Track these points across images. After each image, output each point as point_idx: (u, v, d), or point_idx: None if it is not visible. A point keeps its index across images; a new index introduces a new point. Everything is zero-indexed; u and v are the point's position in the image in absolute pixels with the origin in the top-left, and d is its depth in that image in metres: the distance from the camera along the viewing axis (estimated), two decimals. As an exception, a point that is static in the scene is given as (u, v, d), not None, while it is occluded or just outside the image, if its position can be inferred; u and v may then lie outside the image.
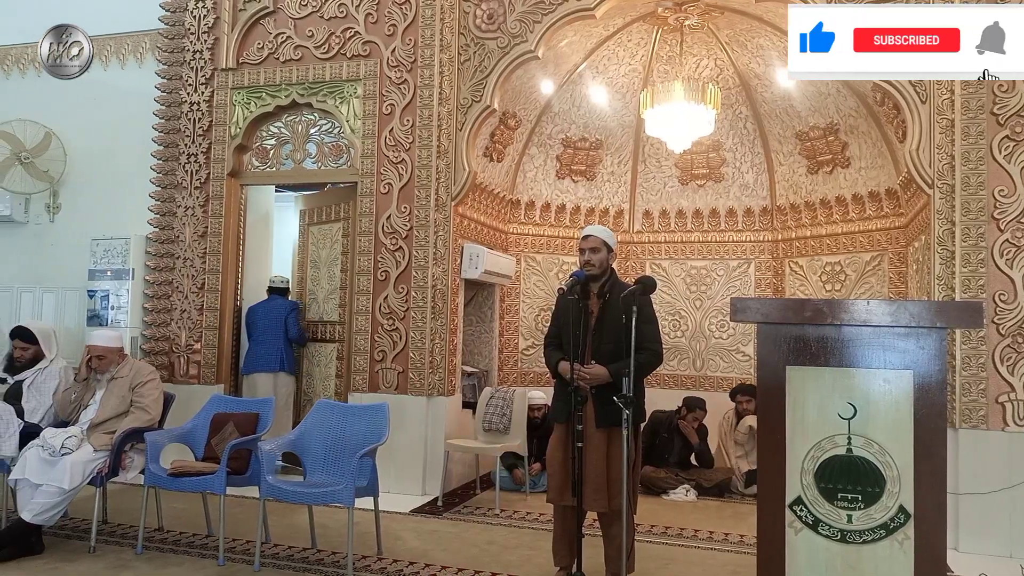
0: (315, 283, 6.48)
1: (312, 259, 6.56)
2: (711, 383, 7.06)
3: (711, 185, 7.22)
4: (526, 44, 5.47)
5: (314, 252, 6.55)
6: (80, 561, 3.92)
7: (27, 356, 4.66)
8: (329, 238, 6.40)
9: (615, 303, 3.41)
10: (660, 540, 4.52)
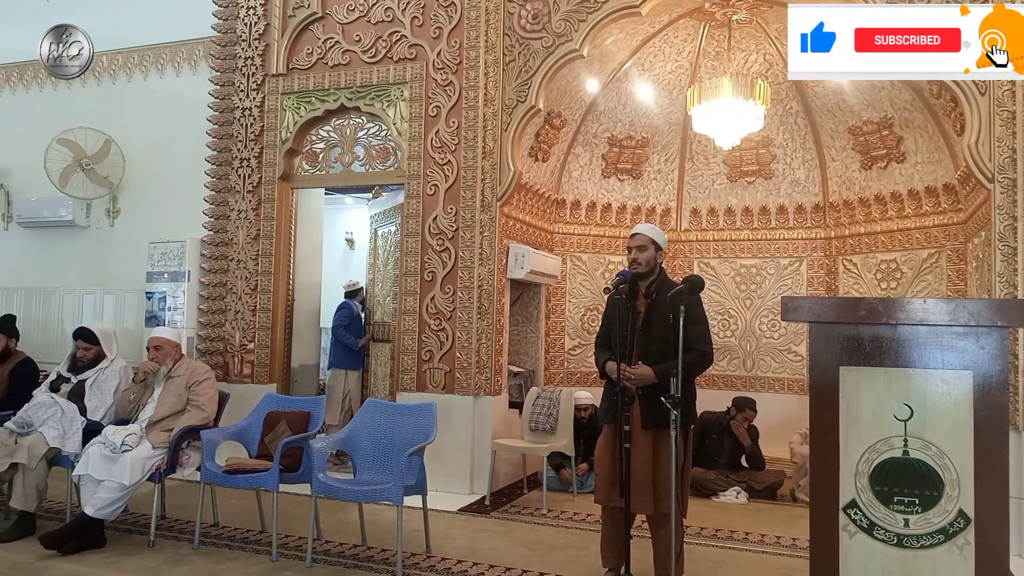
0: (380, 285, 6.61)
1: (379, 261, 6.69)
2: (762, 383, 6.95)
3: (761, 182, 7.10)
4: (571, 43, 5.46)
5: (380, 256, 6.67)
6: (140, 555, 4.05)
7: (89, 356, 4.82)
8: (390, 240, 6.51)
9: (662, 303, 3.38)
10: (710, 542, 4.46)
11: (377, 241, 6.84)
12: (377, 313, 6.67)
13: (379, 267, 6.77)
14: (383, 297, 6.57)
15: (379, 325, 6.60)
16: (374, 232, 6.91)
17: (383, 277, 6.64)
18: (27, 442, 4.34)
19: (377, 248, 6.83)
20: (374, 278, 6.84)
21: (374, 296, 6.79)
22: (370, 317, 6.89)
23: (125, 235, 7.06)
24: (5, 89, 7.66)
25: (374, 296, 6.79)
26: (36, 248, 7.42)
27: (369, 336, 6.83)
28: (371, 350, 6.66)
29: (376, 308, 6.70)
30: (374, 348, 6.63)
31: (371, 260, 6.98)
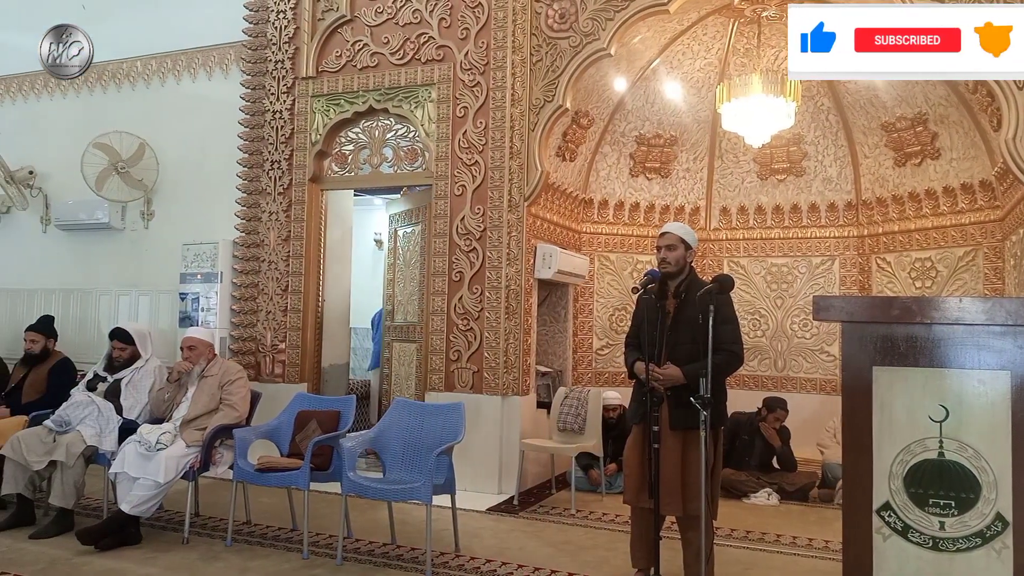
0: (400, 285, 6.64)
1: (401, 261, 6.72)
2: (793, 384, 6.86)
3: (792, 180, 7.01)
4: (598, 42, 5.44)
5: (401, 256, 6.71)
6: (174, 552, 4.12)
7: (125, 356, 4.91)
8: (412, 241, 6.54)
9: (691, 302, 3.35)
10: (740, 544, 4.42)
11: (397, 241, 6.84)
12: (399, 314, 6.69)
13: (400, 267, 6.78)
14: (405, 298, 6.59)
15: (401, 326, 6.62)
16: (394, 232, 6.92)
17: (405, 278, 6.66)
18: (65, 440, 4.44)
19: (397, 248, 6.84)
20: (394, 278, 6.85)
21: (395, 297, 6.80)
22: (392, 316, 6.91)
23: (159, 237, 7.17)
24: (44, 95, 7.82)
25: (395, 297, 6.80)
26: (73, 250, 7.57)
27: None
28: (394, 351, 6.69)
29: (398, 309, 6.72)
30: (396, 348, 6.65)
31: (391, 260, 6.99)
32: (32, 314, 6.75)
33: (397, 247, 6.86)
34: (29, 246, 7.75)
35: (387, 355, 6.84)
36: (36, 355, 5.31)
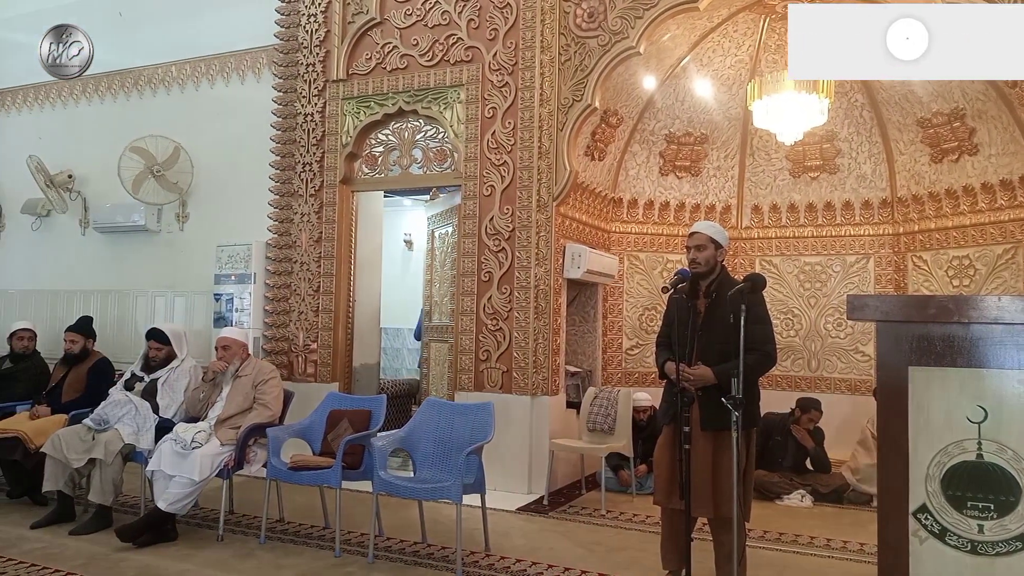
0: (437, 286, 6.68)
1: (437, 262, 6.77)
2: (827, 384, 6.76)
3: (825, 177, 6.91)
4: (627, 40, 5.42)
5: (438, 256, 6.75)
6: (209, 549, 4.18)
7: (161, 356, 5.00)
8: (447, 241, 6.58)
9: (723, 302, 3.32)
10: (773, 546, 4.37)
11: (434, 242, 6.91)
12: (435, 314, 6.74)
13: (436, 268, 6.85)
14: (440, 298, 6.64)
15: (437, 327, 6.67)
16: (431, 233, 6.99)
17: (440, 278, 6.72)
18: (104, 438, 4.54)
19: (435, 249, 6.91)
20: (431, 279, 6.93)
21: (431, 297, 6.86)
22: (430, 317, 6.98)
23: (194, 239, 7.29)
24: (82, 100, 8.00)
25: (431, 297, 6.86)
26: (111, 252, 7.73)
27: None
28: (430, 351, 6.74)
29: (434, 309, 6.77)
30: (432, 348, 6.70)
31: (428, 261, 7.07)
32: (71, 315, 6.91)
33: (434, 248, 6.90)
34: (68, 248, 7.94)
35: (425, 355, 6.90)
36: (75, 355, 5.43)
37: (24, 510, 4.86)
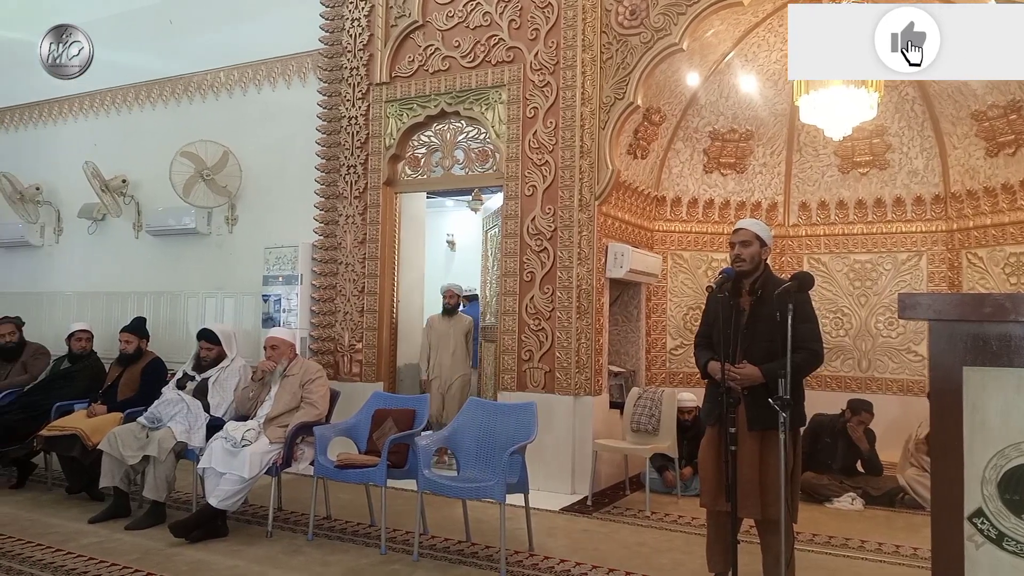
0: (489, 287, 6.69)
1: (490, 262, 6.78)
2: (878, 385, 6.61)
3: (875, 173, 6.75)
4: (670, 37, 5.37)
5: (491, 256, 6.76)
6: (258, 545, 4.27)
7: (211, 356, 5.12)
8: (495, 242, 6.58)
9: (768, 300, 3.27)
10: (823, 550, 4.29)
11: (487, 244, 6.90)
12: (487, 315, 6.74)
13: (488, 269, 6.82)
14: (491, 299, 6.62)
15: (487, 327, 6.65)
16: (485, 234, 6.99)
17: (491, 279, 6.69)
18: (157, 436, 4.66)
19: (487, 251, 6.89)
20: (486, 280, 6.91)
21: (485, 299, 6.88)
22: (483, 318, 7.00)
23: (242, 241, 7.44)
24: (135, 107, 8.23)
25: (485, 299, 6.88)
26: (163, 255, 7.94)
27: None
28: (484, 349, 6.77)
29: (487, 310, 6.78)
30: (483, 348, 6.73)
31: (483, 263, 7.06)
32: (126, 316, 7.11)
33: (487, 249, 6.89)
34: (123, 251, 8.17)
35: (480, 355, 6.92)
36: (130, 355, 5.59)
37: (82, 505, 5.02)
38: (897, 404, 6.34)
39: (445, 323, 6.78)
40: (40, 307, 8.43)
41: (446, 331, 6.74)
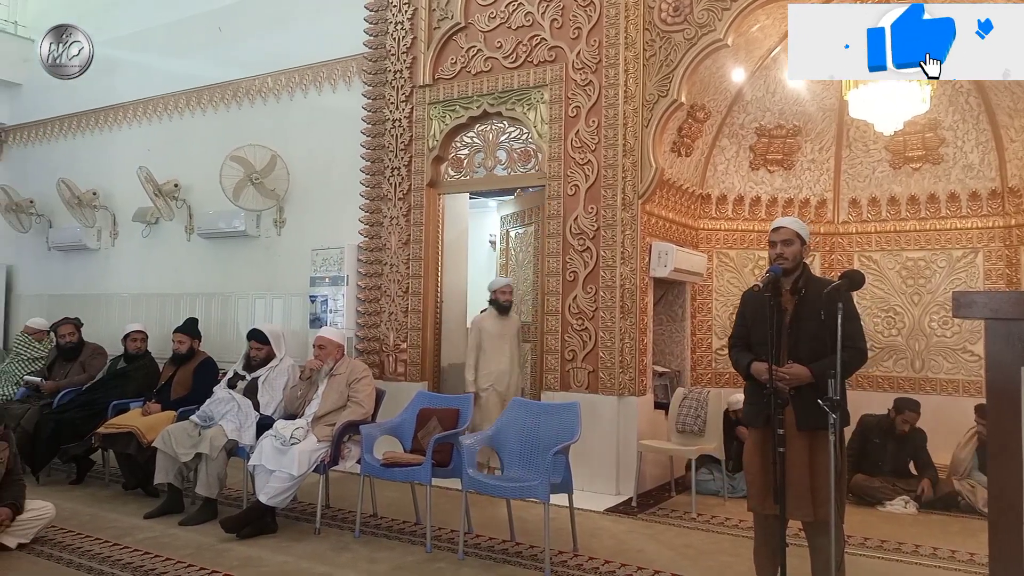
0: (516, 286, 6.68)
1: (513, 262, 6.77)
2: (932, 385, 6.43)
3: (928, 168, 6.57)
4: (714, 33, 5.30)
5: (513, 256, 6.76)
6: (307, 541, 4.34)
7: (261, 355, 5.23)
8: (524, 241, 6.59)
9: (812, 299, 3.21)
10: (875, 554, 4.19)
11: (509, 242, 6.88)
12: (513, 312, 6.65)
13: (512, 268, 6.79)
14: (518, 298, 6.58)
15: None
16: (506, 233, 6.97)
17: (518, 279, 6.67)
18: (209, 434, 4.78)
19: (509, 249, 6.87)
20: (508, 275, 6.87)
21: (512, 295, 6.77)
22: None
23: (290, 243, 7.57)
24: (186, 112, 8.44)
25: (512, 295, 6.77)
26: (214, 257, 8.12)
27: None
28: None
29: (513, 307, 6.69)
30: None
31: (503, 261, 7.03)
32: (179, 316, 7.29)
33: (509, 248, 6.91)
34: (175, 254, 8.39)
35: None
36: (183, 355, 5.73)
37: (138, 501, 5.17)
38: (951, 405, 6.16)
39: (499, 323, 5.98)
40: (98, 308, 8.70)
41: (500, 332, 5.96)
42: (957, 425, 5.65)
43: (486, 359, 5.90)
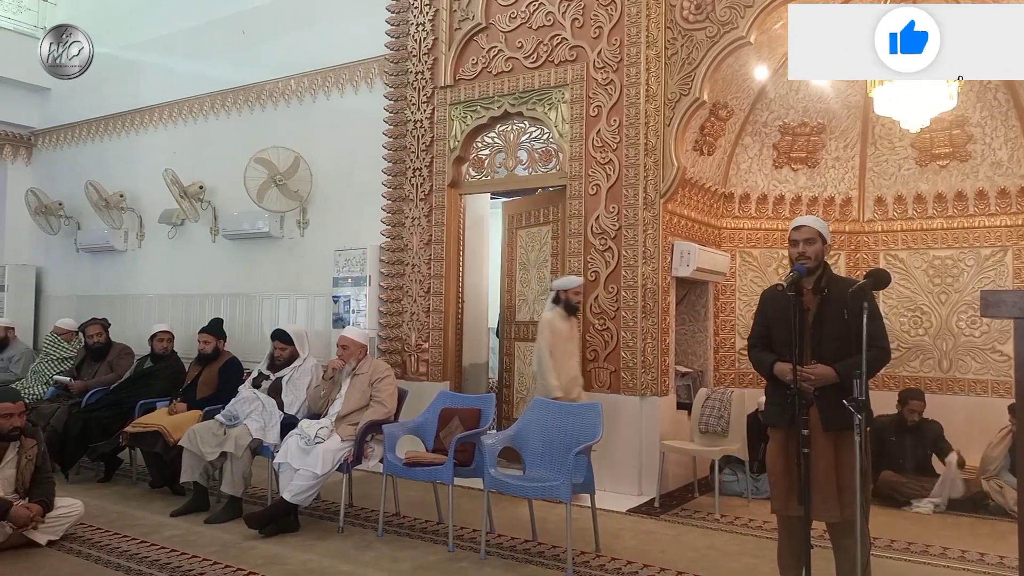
0: (524, 285, 6.63)
1: (521, 261, 6.69)
2: (961, 386, 6.33)
3: (955, 165, 6.47)
4: (737, 31, 5.27)
5: (523, 255, 6.68)
6: (330, 540, 4.38)
7: (285, 355, 5.27)
8: (538, 241, 6.52)
9: (835, 299, 3.18)
10: (901, 556, 4.14)
11: (516, 240, 6.72)
12: (522, 311, 6.61)
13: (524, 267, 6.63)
14: (532, 298, 6.48)
15: (529, 324, 6.52)
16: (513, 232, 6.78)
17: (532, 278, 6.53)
18: (234, 433, 4.83)
19: (516, 247, 6.71)
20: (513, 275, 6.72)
21: (515, 296, 6.69)
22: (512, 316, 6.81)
23: (313, 244, 7.62)
24: (211, 115, 8.54)
25: (515, 296, 6.69)
26: (238, 258, 8.21)
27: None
28: (512, 349, 6.64)
29: (521, 306, 6.64)
30: (518, 348, 6.60)
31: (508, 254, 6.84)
32: (204, 317, 7.37)
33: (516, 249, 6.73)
34: (201, 255, 8.49)
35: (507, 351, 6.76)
36: (208, 355, 5.80)
37: (165, 499, 5.24)
38: (980, 405, 6.06)
39: (567, 325, 5.42)
40: (125, 309, 8.83)
41: (570, 334, 5.44)
42: (987, 425, 5.55)
43: (557, 363, 5.26)
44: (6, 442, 4.21)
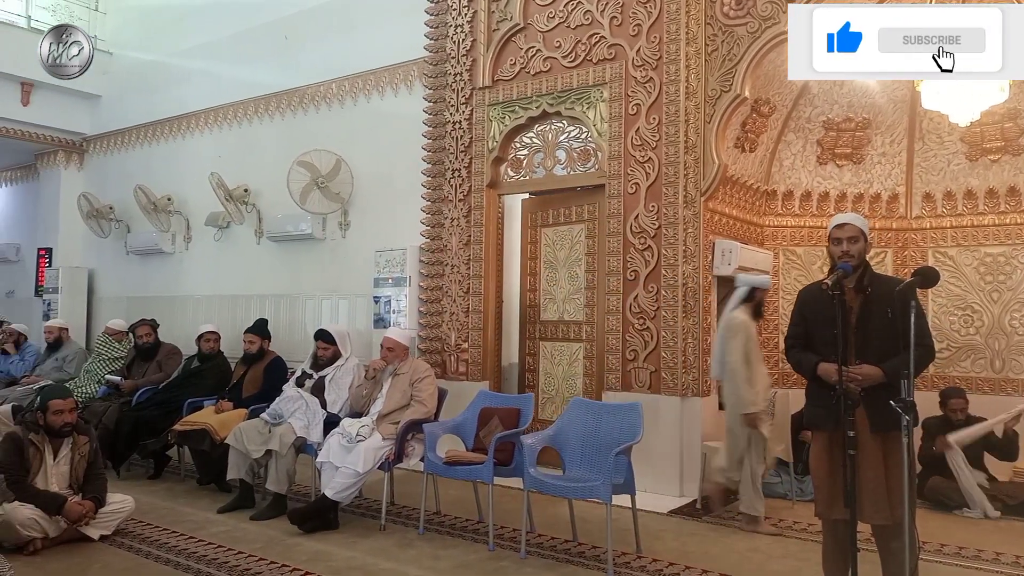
0: (552, 284, 6.55)
1: (547, 260, 6.61)
2: (1015, 386, 6.14)
3: (1008, 160, 6.28)
4: (779, 26, 5.18)
5: (548, 253, 6.60)
6: (372, 537, 4.42)
7: (328, 355, 5.35)
8: (568, 239, 6.43)
9: (880, 297, 3.12)
10: (952, 561, 4.03)
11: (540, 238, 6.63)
12: (549, 310, 6.52)
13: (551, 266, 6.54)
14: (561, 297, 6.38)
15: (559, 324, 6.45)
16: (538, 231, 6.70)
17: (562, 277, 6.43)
18: (279, 431, 4.92)
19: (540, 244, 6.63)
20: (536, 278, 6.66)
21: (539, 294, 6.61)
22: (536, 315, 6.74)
23: (355, 245, 7.71)
24: (255, 120, 8.69)
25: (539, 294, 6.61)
26: (282, 259, 8.34)
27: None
28: (537, 348, 6.59)
29: (548, 305, 6.56)
30: (544, 347, 6.54)
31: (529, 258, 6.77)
32: (249, 317, 7.49)
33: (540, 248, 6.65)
34: (246, 256, 8.65)
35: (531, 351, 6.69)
36: (253, 355, 5.91)
37: (212, 496, 5.35)
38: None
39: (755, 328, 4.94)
40: (173, 310, 9.04)
41: (756, 338, 4.95)
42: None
43: (753, 373, 4.71)
44: (59, 439, 4.35)
